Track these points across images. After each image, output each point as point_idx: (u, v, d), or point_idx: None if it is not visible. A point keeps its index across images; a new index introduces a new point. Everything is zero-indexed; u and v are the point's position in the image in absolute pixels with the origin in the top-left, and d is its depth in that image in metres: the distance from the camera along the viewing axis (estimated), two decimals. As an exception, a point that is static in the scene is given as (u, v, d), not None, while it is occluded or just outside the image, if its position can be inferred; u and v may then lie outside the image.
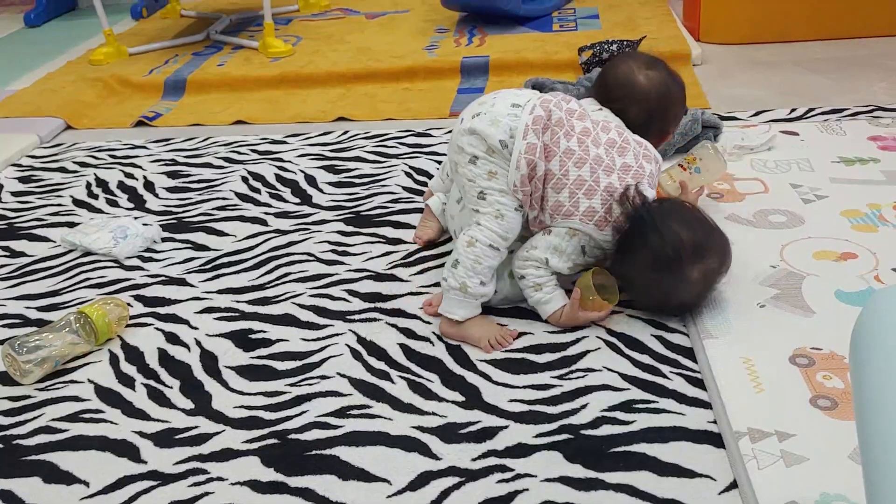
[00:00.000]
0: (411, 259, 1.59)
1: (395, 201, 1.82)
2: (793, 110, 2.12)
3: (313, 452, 1.14)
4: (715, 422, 1.13)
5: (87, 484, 1.12)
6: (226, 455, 1.15)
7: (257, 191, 1.94)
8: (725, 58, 2.60)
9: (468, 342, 1.33)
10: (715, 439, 1.10)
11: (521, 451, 1.11)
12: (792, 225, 1.57)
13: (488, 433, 1.14)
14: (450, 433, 1.15)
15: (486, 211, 1.32)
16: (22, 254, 1.75)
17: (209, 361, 1.35)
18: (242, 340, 1.39)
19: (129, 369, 1.34)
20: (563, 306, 1.34)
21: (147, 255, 1.70)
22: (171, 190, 1.99)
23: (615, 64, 1.47)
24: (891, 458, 0.61)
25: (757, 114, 2.11)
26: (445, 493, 1.05)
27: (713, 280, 1.32)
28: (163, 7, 3.61)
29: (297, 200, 1.88)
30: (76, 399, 1.28)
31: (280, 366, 1.32)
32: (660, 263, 1.27)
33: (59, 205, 1.96)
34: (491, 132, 1.30)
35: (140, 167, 2.13)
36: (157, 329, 1.44)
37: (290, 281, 1.56)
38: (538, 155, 1.29)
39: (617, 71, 1.45)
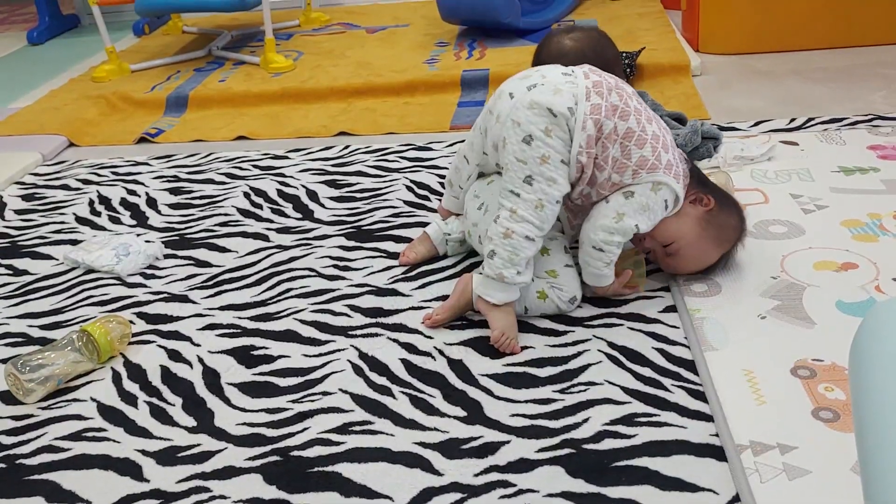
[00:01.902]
0: (413, 274, 1.59)
1: (397, 215, 1.82)
2: (792, 120, 2.12)
3: (315, 469, 1.14)
4: (717, 435, 1.13)
5: (89, 503, 1.12)
6: (228, 473, 1.15)
7: (259, 206, 1.94)
8: (724, 68, 2.60)
9: (489, 323, 1.34)
10: (717, 452, 1.10)
11: (524, 466, 1.11)
12: (792, 235, 1.57)
13: (490, 448, 1.14)
14: (452, 448, 1.15)
15: (528, 198, 1.31)
16: (25, 272, 1.76)
17: (211, 378, 1.35)
18: (244, 357, 1.40)
19: (131, 387, 1.35)
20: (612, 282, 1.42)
21: (149, 272, 1.70)
22: (173, 206, 2.00)
23: (544, 47, 1.61)
24: (890, 470, 0.61)
25: (756, 124, 2.12)
26: (448, 509, 1.05)
27: (740, 236, 1.44)
28: (164, 24, 3.64)
29: (299, 215, 1.88)
30: (79, 417, 1.29)
31: (282, 382, 1.32)
32: (725, 201, 1.42)
33: (62, 222, 1.97)
34: (556, 101, 1.32)
35: (142, 184, 2.14)
36: (160, 346, 1.45)
37: (291, 297, 1.56)
38: (604, 114, 1.32)
39: (550, 51, 1.58)
